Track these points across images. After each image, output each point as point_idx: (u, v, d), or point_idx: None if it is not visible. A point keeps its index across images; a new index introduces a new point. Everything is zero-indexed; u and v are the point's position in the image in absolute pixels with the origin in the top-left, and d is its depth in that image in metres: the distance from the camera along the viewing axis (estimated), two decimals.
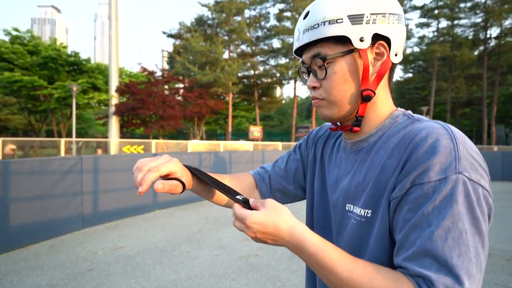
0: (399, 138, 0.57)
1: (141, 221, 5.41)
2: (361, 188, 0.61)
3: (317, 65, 0.63)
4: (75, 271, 3.36)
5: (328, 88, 0.63)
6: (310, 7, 0.63)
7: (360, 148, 0.66)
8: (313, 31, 0.60)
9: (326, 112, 0.66)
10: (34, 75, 20.29)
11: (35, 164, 4.24)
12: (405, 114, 0.64)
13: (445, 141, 0.49)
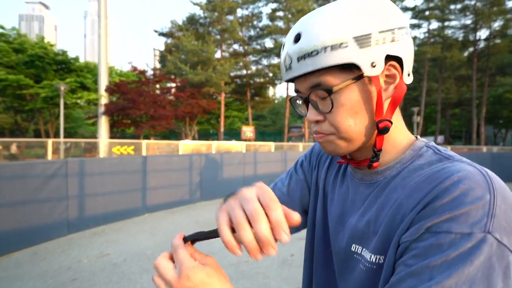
0: (423, 176, 0.48)
1: (130, 226, 5.27)
2: (372, 228, 0.53)
3: (319, 96, 0.53)
4: (58, 281, 3.22)
5: (336, 122, 0.53)
6: (301, 27, 0.52)
7: (374, 182, 0.57)
8: (311, 59, 0.50)
9: (335, 150, 0.56)
10: (20, 74, 19.77)
11: (17, 169, 4.08)
12: (429, 146, 0.55)
13: (480, 191, 0.41)
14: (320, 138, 0.56)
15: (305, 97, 0.55)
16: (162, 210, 6.32)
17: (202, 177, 7.31)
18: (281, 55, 0.58)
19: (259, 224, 0.35)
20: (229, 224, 0.38)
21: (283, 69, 0.56)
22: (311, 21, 0.51)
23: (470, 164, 0.46)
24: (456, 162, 0.48)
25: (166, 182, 6.49)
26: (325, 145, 0.56)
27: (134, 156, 6.15)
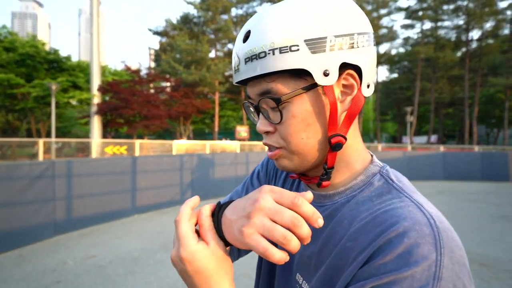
0: (369, 215, 0.45)
1: (118, 227, 5.25)
2: (314, 263, 0.50)
3: (269, 105, 0.48)
4: (41, 284, 3.20)
5: (286, 135, 0.48)
6: (251, 25, 0.46)
7: (322, 205, 0.53)
8: (259, 61, 0.44)
9: (286, 164, 0.51)
10: (11, 73, 19.55)
11: (2, 170, 4.04)
12: (382, 174, 0.50)
13: (426, 249, 0.37)
14: (273, 155, 0.50)
15: (255, 104, 0.49)
16: (152, 211, 6.30)
17: (194, 177, 7.31)
18: (232, 56, 0.52)
19: (301, 229, 0.36)
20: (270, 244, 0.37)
21: (234, 72, 0.50)
22: (261, 19, 0.46)
23: (418, 206, 0.42)
24: (405, 199, 0.44)
25: (157, 183, 6.48)
26: (278, 161, 0.51)
27: (124, 157, 6.13)
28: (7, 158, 17.42)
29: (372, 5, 34.02)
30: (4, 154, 18.01)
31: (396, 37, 35.74)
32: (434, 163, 12.19)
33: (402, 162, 11.98)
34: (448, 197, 8.28)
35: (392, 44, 36.91)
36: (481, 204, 7.30)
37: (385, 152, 12.61)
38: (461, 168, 12.00)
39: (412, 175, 11.94)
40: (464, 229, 5.17)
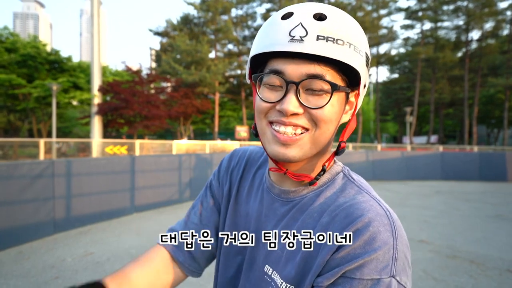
0: (337, 208, 0.50)
1: (117, 225, 5.33)
2: (286, 253, 0.52)
3: (311, 89, 0.47)
4: (40, 280, 3.28)
5: (321, 119, 0.48)
6: (325, 9, 0.46)
7: (290, 200, 0.56)
8: (335, 46, 0.44)
9: (294, 153, 0.50)
10: (12, 74, 19.69)
11: (2, 169, 4.12)
12: (344, 173, 0.56)
13: (386, 235, 0.44)
14: (291, 141, 0.49)
15: (294, 82, 0.47)
16: (150, 210, 6.38)
17: (192, 177, 7.38)
18: (276, 24, 0.47)
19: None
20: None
21: (281, 36, 0.45)
22: (339, 13, 0.48)
23: (377, 201, 0.49)
24: (365, 195, 0.50)
25: (155, 182, 6.56)
26: (291, 147, 0.49)
27: (123, 156, 6.21)
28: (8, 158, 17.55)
29: (372, 6, 34.07)
30: (6, 154, 18.14)
31: (396, 38, 35.74)
32: (432, 163, 12.23)
33: (400, 163, 12.02)
34: (445, 196, 8.33)
35: (392, 44, 36.91)
36: (477, 204, 7.36)
37: (384, 152, 12.64)
38: (459, 168, 12.05)
39: (410, 175, 11.99)
40: (458, 228, 5.24)
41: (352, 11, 32.67)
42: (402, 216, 6.04)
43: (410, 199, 7.94)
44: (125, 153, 14.05)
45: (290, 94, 0.47)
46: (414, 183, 11.10)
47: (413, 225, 5.37)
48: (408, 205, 7.11)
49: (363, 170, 11.59)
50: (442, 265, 3.67)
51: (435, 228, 5.20)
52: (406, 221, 5.66)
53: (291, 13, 0.47)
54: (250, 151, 0.72)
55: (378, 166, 11.82)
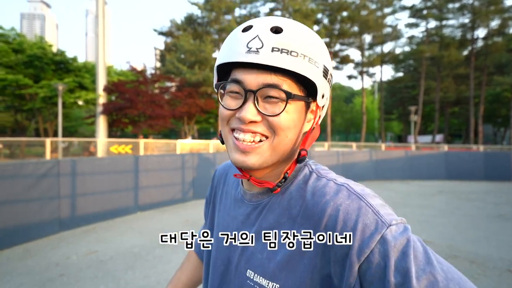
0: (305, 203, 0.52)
1: (120, 224, 5.41)
2: (266, 255, 0.53)
3: (268, 96, 0.49)
4: (45, 277, 3.36)
5: (276, 127, 0.50)
6: (282, 24, 0.49)
7: (259, 203, 0.58)
8: (289, 57, 0.47)
9: (254, 161, 0.52)
10: (19, 74, 19.95)
11: (8, 169, 4.22)
12: (308, 164, 0.58)
13: (355, 204, 0.47)
14: (249, 148, 0.51)
15: (251, 90, 0.49)
16: (154, 209, 6.46)
17: (195, 177, 7.45)
18: (236, 36, 0.50)
19: None
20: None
21: (240, 48, 0.48)
22: (292, 24, 0.50)
23: (333, 181, 0.52)
24: (324, 180, 0.53)
25: (158, 182, 6.64)
26: (250, 155, 0.51)
27: (126, 156, 6.29)
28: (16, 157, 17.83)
29: (376, 4, 33.86)
30: (13, 153, 18.42)
31: (401, 36, 35.53)
32: (437, 162, 12.17)
33: (404, 162, 11.98)
34: (447, 196, 8.30)
35: (396, 43, 36.74)
36: (479, 203, 7.32)
37: (388, 152, 12.59)
38: (463, 167, 11.97)
39: (413, 174, 11.94)
40: (459, 227, 5.23)
41: (356, 10, 32.51)
42: (403, 216, 6.02)
43: (412, 198, 7.92)
44: (129, 152, 14.20)
45: (248, 102, 0.49)
46: (417, 183, 11.06)
47: (414, 225, 5.38)
48: (409, 205, 7.10)
49: (366, 170, 11.58)
50: None
51: (436, 228, 5.21)
52: (408, 221, 5.60)
53: (250, 26, 0.50)
54: (229, 166, 0.75)
55: (381, 165, 11.79)
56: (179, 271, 0.87)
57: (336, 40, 35.21)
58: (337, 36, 34.46)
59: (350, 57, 36.95)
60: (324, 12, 34.42)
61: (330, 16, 34.45)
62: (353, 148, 18.22)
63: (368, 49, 37.09)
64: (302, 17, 30.62)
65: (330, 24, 34.65)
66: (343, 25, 34.07)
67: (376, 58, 35.80)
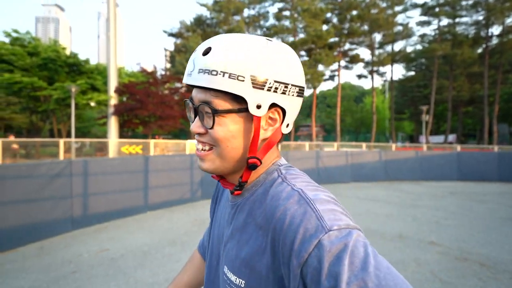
0: (265, 206, 0.55)
1: (131, 223, 5.53)
2: (235, 252, 0.58)
3: (206, 111, 0.56)
4: (59, 274, 3.47)
5: (215, 138, 0.56)
6: (213, 43, 0.55)
7: (235, 203, 0.63)
8: (210, 77, 0.53)
9: (207, 166, 0.59)
10: (34, 76, 20.52)
11: (24, 169, 4.37)
12: (279, 169, 0.61)
13: (301, 209, 0.49)
14: (202, 155, 0.59)
15: (195, 106, 0.58)
16: (163, 208, 6.57)
17: (203, 177, 7.53)
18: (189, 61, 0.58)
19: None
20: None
21: (186, 74, 0.57)
22: (222, 43, 0.54)
23: (291, 186, 0.54)
24: (285, 185, 0.55)
25: (168, 181, 6.74)
26: (204, 161, 0.59)
27: (136, 156, 6.42)
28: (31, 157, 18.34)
29: (386, 2, 33.41)
30: (29, 153, 18.96)
31: (412, 34, 34.93)
32: (448, 163, 11.95)
33: (414, 162, 11.81)
34: (459, 198, 8.15)
35: (407, 41, 36.09)
36: (492, 205, 7.17)
37: (398, 152, 12.42)
38: (476, 168, 11.73)
39: (424, 175, 11.76)
40: (470, 230, 5.15)
41: (366, 9, 32.15)
42: (413, 217, 5.98)
43: (422, 199, 7.82)
44: (140, 152, 14.42)
45: (196, 117, 0.59)
46: (428, 184, 10.89)
47: (423, 227, 5.32)
48: (419, 206, 7.01)
49: (375, 171, 11.46)
50: (451, 267, 3.64)
51: (446, 230, 5.13)
52: (416, 222, 5.60)
53: (194, 50, 0.57)
54: None
55: (391, 166, 11.65)
56: (182, 271, 0.91)
57: (346, 39, 34.90)
58: (347, 35, 34.16)
59: (360, 56, 36.57)
60: (333, 11, 34.17)
61: (339, 15, 34.17)
62: (363, 148, 18.05)
63: (378, 48, 36.64)
64: (311, 17, 30.48)
65: (340, 23, 34.37)
66: (353, 24, 33.74)
67: (386, 57, 35.32)
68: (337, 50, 35.16)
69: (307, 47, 32.93)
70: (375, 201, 7.63)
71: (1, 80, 19.89)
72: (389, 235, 4.83)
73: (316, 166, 10.61)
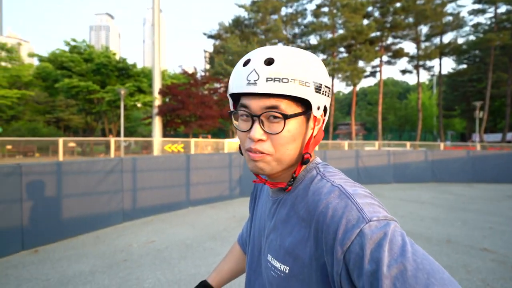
0: (307, 200, 0.61)
1: (174, 217, 5.86)
2: (279, 243, 0.63)
3: (271, 117, 0.59)
4: (112, 261, 3.83)
5: (278, 144, 0.60)
6: (274, 55, 0.59)
7: (278, 199, 0.69)
8: (281, 84, 0.57)
9: (265, 168, 0.62)
10: (89, 81, 22.45)
11: (83, 165, 4.86)
12: (316, 167, 0.67)
13: (342, 203, 0.54)
14: (257, 157, 0.61)
15: (255, 115, 0.59)
16: (204, 205, 6.86)
17: (242, 175, 7.72)
18: (239, 70, 0.61)
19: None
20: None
21: (241, 81, 0.59)
22: (283, 54, 0.59)
23: (331, 182, 0.59)
24: (325, 182, 0.61)
25: (207, 179, 7.02)
26: (258, 164, 0.62)
27: (179, 155, 6.76)
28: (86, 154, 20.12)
29: None
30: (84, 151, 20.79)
31: (464, 25, 32.15)
32: (506, 164, 10.88)
33: (465, 163, 10.94)
34: None
35: (458, 32, 33.26)
36: None
37: (446, 152, 11.57)
38: None
39: (477, 177, 10.84)
40: None
41: (411, 0, 30.24)
42: (463, 221, 5.59)
43: (475, 203, 7.24)
44: (182, 151, 15.11)
45: (255, 124, 0.59)
46: (482, 186, 10.03)
47: (475, 232, 4.95)
48: (471, 210, 6.51)
49: (420, 171, 10.82)
50: (506, 276, 3.37)
51: (501, 236, 4.73)
52: (467, 227, 5.23)
53: (249, 60, 0.60)
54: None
55: (439, 166, 10.91)
56: (223, 261, 1.00)
57: (389, 33, 33.19)
58: (389, 29, 32.47)
59: (404, 51, 34.55)
60: (375, 4, 32.67)
61: (381, 9, 32.57)
62: (407, 147, 17.08)
63: (425, 41, 34.27)
64: (350, 12, 29.46)
65: (382, 17, 32.77)
66: (396, 17, 31.97)
67: (434, 50, 32.91)
68: (379, 45, 33.56)
69: (346, 43, 31.91)
70: (419, 203, 7.23)
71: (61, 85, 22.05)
72: (435, 239, 4.57)
73: (356, 166, 10.30)
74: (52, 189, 4.39)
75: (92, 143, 20.50)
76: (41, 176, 4.29)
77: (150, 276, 3.41)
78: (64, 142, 12.80)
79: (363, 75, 33.42)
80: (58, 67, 22.77)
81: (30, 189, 4.14)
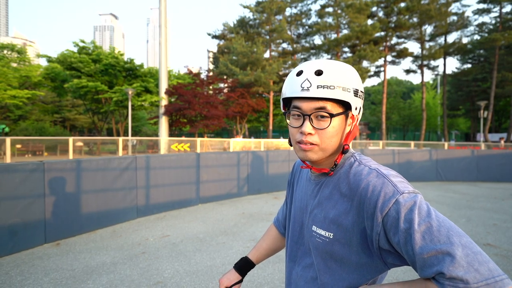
0: (348, 181, 0.77)
1: (185, 214, 6.05)
2: (323, 215, 0.79)
3: (319, 116, 0.75)
4: (131, 253, 4.02)
5: (324, 137, 0.75)
6: (322, 67, 0.74)
7: (320, 181, 0.84)
8: (330, 90, 0.72)
9: (313, 156, 0.77)
10: (97, 81, 22.73)
11: (100, 163, 5.06)
12: (353, 156, 0.83)
13: (379, 181, 0.70)
14: (307, 148, 0.77)
15: (307, 114, 0.75)
16: (213, 202, 7.04)
17: (249, 173, 7.89)
18: (293, 79, 0.76)
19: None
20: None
21: (296, 88, 0.75)
22: (329, 66, 0.75)
23: (368, 167, 0.76)
24: (363, 166, 0.77)
25: (216, 177, 7.21)
26: (308, 153, 0.77)
27: (189, 153, 6.96)
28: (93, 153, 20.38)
29: None
30: (91, 150, 21.05)
31: (468, 24, 32.05)
32: (510, 163, 10.96)
33: (469, 162, 11.03)
34: None
35: (463, 32, 33.14)
36: None
37: (451, 151, 11.66)
38: None
39: (481, 176, 10.93)
40: None
41: (416, 0, 30.20)
42: (467, 218, 5.72)
43: (479, 201, 7.36)
44: (188, 150, 15.27)
45: (306, 121, 0.75)
46: (486, 185, 10.12)
47: (479, 228, 5.09)
48: (476, 208, 6.64)
49: (425, 170, 10.93)
50: (508, 269, 3.52)
51: (505, 233, 4.86)
52: (471, 224, 5.37)
53: (301, 71, 0.76)
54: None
55: (443, 165, 11.02)
56: (261, 239, 1.17)
57: (393, 33, 33.17)
58: (394, 29, 32.45)
59: (408, 50, 34.51)
60: (379, 4, 32.67)
61: (385, 9, 32.57)
62: (411, 146, 17.16)
63: (429, 41, 34.20)
64: (355, 12, 29.51)
65: (386, 17, 32.76)
66: (400, 17, 31.95)
67: (438, 49, 32.84)
68: (383, 45, 33.55)
69: (350, 43, 31.96)
70: None
71: (71, 85, 22.37)
72: None
73: None
74: (72, 185, 4.60)
75: (99, 143, 20.74)
76: (62, 172, 4.50)
77: (169, 267, 3.60)
78: (73, 141, 13.05)
79: (367, 75, 33.42)
80: (67, 68, 23.10)
81: (52, 185, 4.36)
